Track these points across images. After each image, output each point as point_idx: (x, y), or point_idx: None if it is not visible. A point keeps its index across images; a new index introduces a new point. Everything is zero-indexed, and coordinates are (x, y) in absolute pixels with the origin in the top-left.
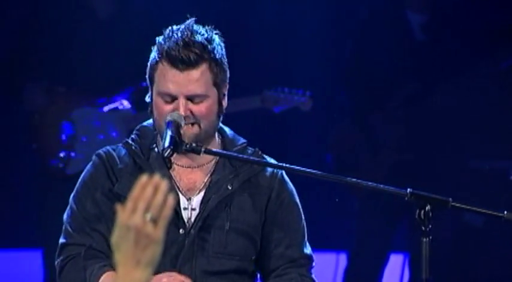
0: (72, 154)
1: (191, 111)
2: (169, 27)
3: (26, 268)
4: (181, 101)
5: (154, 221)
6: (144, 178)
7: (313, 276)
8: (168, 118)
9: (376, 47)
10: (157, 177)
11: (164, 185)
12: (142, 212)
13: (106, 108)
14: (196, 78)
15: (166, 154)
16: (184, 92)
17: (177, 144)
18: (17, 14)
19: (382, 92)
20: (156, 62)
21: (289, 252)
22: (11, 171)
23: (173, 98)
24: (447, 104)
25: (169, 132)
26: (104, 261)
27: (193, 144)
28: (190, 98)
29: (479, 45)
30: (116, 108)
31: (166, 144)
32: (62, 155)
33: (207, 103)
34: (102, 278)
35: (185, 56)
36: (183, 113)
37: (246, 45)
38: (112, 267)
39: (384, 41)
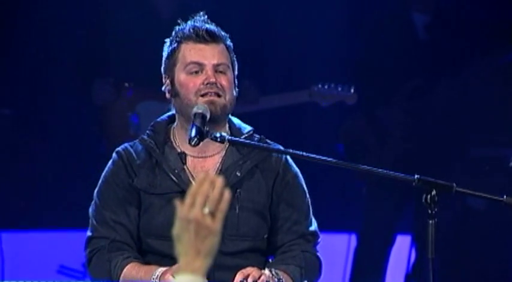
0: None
1: (218, 81)
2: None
3: (67, 247)
4: (210, 67)
5: (212, 214)
6: (201, 175)
7: (317, 252)
8: (195, 110)
9: (384, 45)
10: (213, 175)
11: (220, 181)
12: (201, 206)
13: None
14: (220, 50)
15: (193, 143)
16: (211, 61)
17: (203, 134)
18: (88, 18)
19: (389, 86)
20: (177, 47)
21: (295, 229)
22: (51, 158)
23: (201, 69)
24: (449, 97)
25: (195, 123)
26: (127, 253)
27: (217, 134)
28: (216, 69)
29: (479, 43)
30: None
31: (193, 134)
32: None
33: (229, 76)
34: (125, 268)
35: (208, 32)
36: (212, 79)
37: (277, 45)
38: (135, 258)
39: (391, 40)
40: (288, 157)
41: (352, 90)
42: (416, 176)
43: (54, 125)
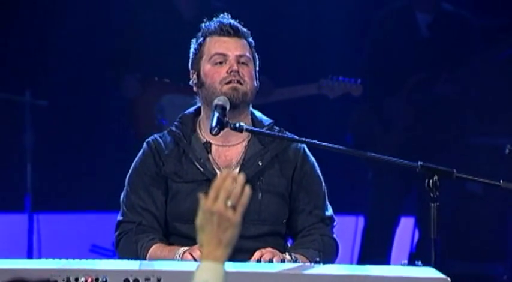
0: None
1: (240, 71)
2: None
3: (99, 228)
4: (233, 58)
5: (234, 207)
6: (224, 171)
7: (334, 235)
8: (216, 102)
9: (389, 42)
10: (235, 172)
11: (242, 177)
12: (224, 199)
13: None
14: (242, 44)
15: (214, 132)
16: (234, 52)
17: (223, 123)
18: (118, 19)
19: (394, 80)
20: (203, 41)
21: (314, 213)
22: (84, 146)
23: (225, 60)
24: (450, 90)
25: (216, 114)
26: (152, 235)
27: (237, 124)
28: (238, 60)
29: (477, 41)
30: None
31: (214, 124)
32: (153, 134)
33: (250, 67)
34: (151, 249)
35: (231, 27)
36: (235, 68)
37: (288, 42)
38: (160, 240)
39: (396, 37)
40: (306, 148)
41: (358, 82)
42: (419, 163)
43: (88, 116)
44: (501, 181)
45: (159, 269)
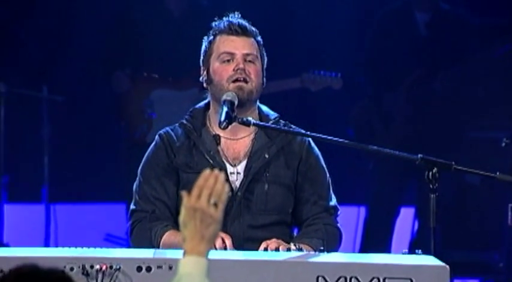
0: (151, 127)
1: (247, 69)
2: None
3: (112, 218)
4: (240, 56)
5: (215, 204)
6: (207, 171)
7: (337, 223)
8: (224, 97)
9: (389, 40)
10: (217, 171)
11: (222, 176)
12: (207, 197)
13: (180, 90)
14: (249, 43)
15: (222, 126)
16: (241, 50)
17: (231, 118)
18: (108, 17)
19: (394, 76)
20: (213, 39)
21: (319, 203)
22: (104, 140)
23: (232, 58)
24: (447, 86)
25: (225, 109)
26: (166, 222)
27: (244, 118)
28: (245, 58)
29: (473, 39)
30: (187, 90)
31: (223, 118)
32: (143, 128)
33: (257, 65)
34: (165, 235)
35: (239, 26)
36: (241, 66)
37: (287, 37)
38: (173, 227)
39: (396, 35)
40: (311, 141)
41: (338, 76)
42: (419, 156)
43: (101, 110)
44: (497, 173)
45: (170, 258)
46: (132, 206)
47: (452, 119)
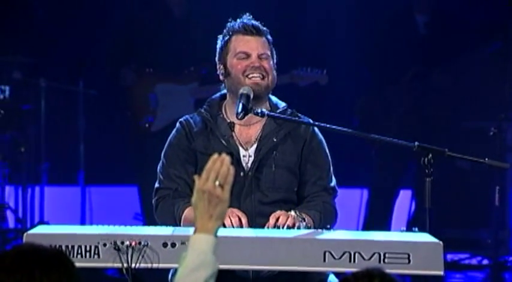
0: (155, 118)
1: (262, 65)
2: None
3: (124, 200)
4: (255, 56)
5: (221, 186)
6: (215, 155)
7: (335, 204)
8: (241, 91)
9: (391, 38)
10: (223, 155)
11: (228, 159)
12: (213, 179)
13: (181, 84)
14: (262, 42)
15: (239, 117)
16: (256, 50)
17: (247, 109)
18: (118, 17)
19: (395, 71)
20: (229, 38)
21: (319, 183)
22: (113, 129)
23: (247, 56)
24: (443, 80)
25: (241, 101)
26: (187, 199)
27: (258, 110)
28: (259, 56)
29: (468, 38)
30: (188, 84)
31: (239, 110)
32: (148, 118)
33: (270, 62)
34: (186, 210)
35: (254, 27)
36: (257, 64)
37: (295, 32)
38: None
39: (397, 34)
40: (315, 128)
41: (324, 73)
42: (416, 143)
43: (120, 102)
44: (486, 159)
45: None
46: (156, 185)
47: (446, 110)
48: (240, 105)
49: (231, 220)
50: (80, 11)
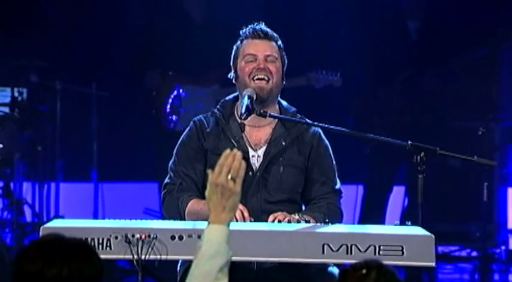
0: (177, 118)
1: (267, 68)
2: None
3: (134, 196)
4: (261, 58)
5: (234, 179)
6: (227, 151)
7: (340, 205)
8: (244, 93)
9: (384, 43)
10: (235, 150)
11: (240, 155)
12: (226, 173)
13: (202, 86)
14: (270, 45)
15: (243, 117)
16: (263, 52)
17: (250, 110)
18: (140, 22)
19: (388, 74)
20: (241, 43)
21: (325, 185)
22: (138, 128)
23: (255, 58)
24: (434, 83)
25: (245, 103)
26: (191, 193)
27: (261, 111)
28: (265, 58)
29: (457, 43)
30: (208, 87)
31: (243, 111)
32: (170, 118)
33: (277, 65)
34: (189, 203)
35: (262, 31)
36: (262, 66)
37: (294, 39)
38: (197, 197)
39: (390, 39)
40: (321, 133)
41: (338, 76)
42: (409, 142)
43: (140, 104)
44: (475, 157)
45: (199, 228)
46: (166, 180)
47: (437, 111)
48: (244, 106)
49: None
50: (94, 19)
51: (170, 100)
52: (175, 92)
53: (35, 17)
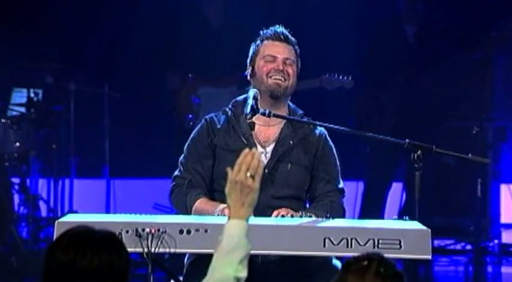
0: (197, 118)
1: (285, 69)
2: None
3: (144, 192)
4: (281, 60)
5: (252, 176)
6: (246, 150)
7: (342, 203)
8: (249, 93)
9: (384, 47)
10: (254, 149)
11: (258, 153)
12: (245, 171)
13: (221, 87)
14: (289, 49)
15: (248, 117)
16: (282, 54)
17: (255, 110)
18: (161, 26)
19: (387, 76)
20: (260, 43)
21: (329, 185)
22: (168, 128)
23: (274, 59)
24: (431, 84)
25: (250, 103)
26: (199, 190)
27: (266, 110)
28: (284, 61)
29: (452, 47)
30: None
31: (248, 111)
32: (191, 117)
33: (294, 67)
34: (197, 202)
35: (283, 35)
36: (281, 68)
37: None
38: (205, 195)
39: (389, 44)
40: (327, 135)
41: (350, 78)
42: (406, 140)
43: (151, 104)
44: (469, 155)
45: (206, 222)
46: (176, 172)
47: (434, 111)
48: (249, 107)
49: None
50: (105, 24)
51: (190, 101)
52: (195, 94)
53: (50, 23)
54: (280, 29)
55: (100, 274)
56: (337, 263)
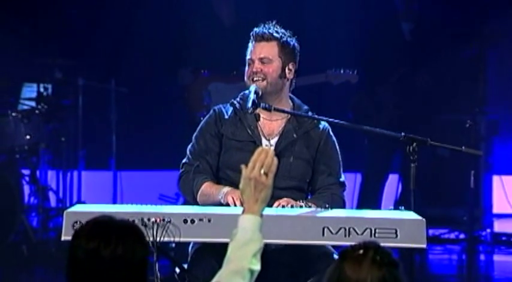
0: (209, 112)
1: (261, 70)
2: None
3: (150, 183)
4: (256, 61)
5: (266, 174)
6: (260, 148)
7: (343, 196)
8: (250, 89)
9: (381, 44)
10: (267, 147)
11: (272, 151)
12: (259, 168)
13: (231, 83)
14: (269, 46)
15: (249, 111)
16: (258, 55)
17: (256, 104)
18: (168, 21)
19: (384, 72)
20: (248, 46)
21: (330, 178)
22: (172, 122)
23: (251, 62)
24: (427, 80)
25: (251, 97)
26: (206, 176)
27: (267, 105)
28: (261, 60)
29: (447, 43)
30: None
31: (249, 105)
32: (202, 112)
33: (274, 64)
34: (203, 185)
35: (259, 34)
36: (255, 69)
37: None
38: (211, 180)
39: (386, 40)
40: (330, 130)
41: (355, 73)
42: (402, 134)
43: (157, 99)
44: (463, 147)
45: (209, 212)
46: (184, 160)
47: (429, 106)
48: (250, 101)
49: (233, 199)
50: (113, 20)
51: (202, 96)
52: (206, 89)
53: (59, 19)
54: (260, 28)
55: (123, 263)
56: (335, 253)
